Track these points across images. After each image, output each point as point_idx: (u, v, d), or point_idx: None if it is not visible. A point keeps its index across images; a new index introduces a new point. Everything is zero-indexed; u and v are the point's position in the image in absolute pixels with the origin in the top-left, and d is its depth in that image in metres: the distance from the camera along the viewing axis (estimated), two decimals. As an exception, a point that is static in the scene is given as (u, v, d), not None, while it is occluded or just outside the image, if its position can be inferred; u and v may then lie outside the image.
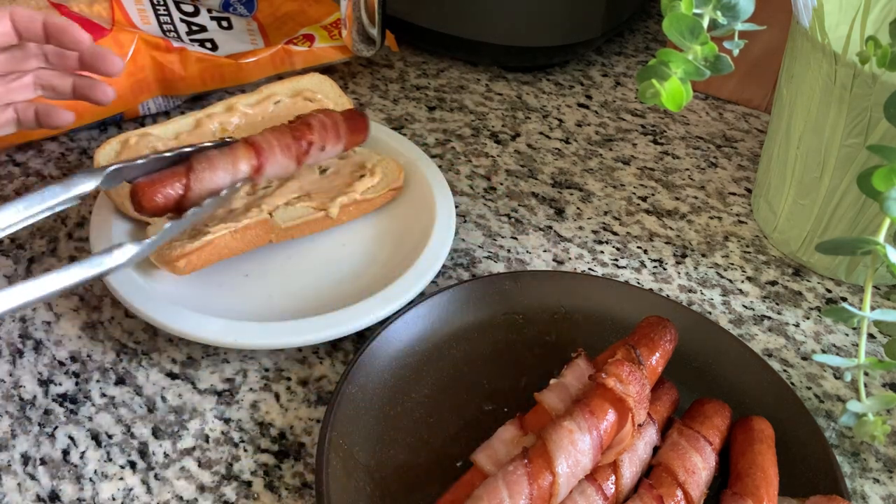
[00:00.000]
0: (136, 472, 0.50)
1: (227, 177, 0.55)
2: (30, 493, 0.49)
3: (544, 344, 0.56)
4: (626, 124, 0.81)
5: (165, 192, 0.53)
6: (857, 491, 0.52)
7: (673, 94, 0.47)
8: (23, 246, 0.64)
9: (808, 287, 0.65)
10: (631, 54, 0.92)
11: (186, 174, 0.54)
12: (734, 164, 0.77)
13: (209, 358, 0.57)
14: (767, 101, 0.83)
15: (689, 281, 0.65)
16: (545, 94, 0.85)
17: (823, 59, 0.57)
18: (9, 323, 0.58)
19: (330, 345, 0.58)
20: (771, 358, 0.59)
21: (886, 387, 0.58)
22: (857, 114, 0.56)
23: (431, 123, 0.79)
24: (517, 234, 0.68)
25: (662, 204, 0.72)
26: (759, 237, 0.70)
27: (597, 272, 0.65)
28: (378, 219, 0.67)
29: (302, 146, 0.60)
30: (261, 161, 0.57)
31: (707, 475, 0.47)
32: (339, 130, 0.63)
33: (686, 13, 0.46)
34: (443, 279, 0.64)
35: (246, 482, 0.50)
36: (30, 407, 0.53)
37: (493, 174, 0.74)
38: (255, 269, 0.62)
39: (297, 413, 0.54)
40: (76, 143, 0.73)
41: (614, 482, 0.46)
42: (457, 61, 0.88)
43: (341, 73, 0.85)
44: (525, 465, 0.44)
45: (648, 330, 0.52)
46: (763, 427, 0.50)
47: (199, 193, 0.54)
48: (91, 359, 0.56)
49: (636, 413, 0.46)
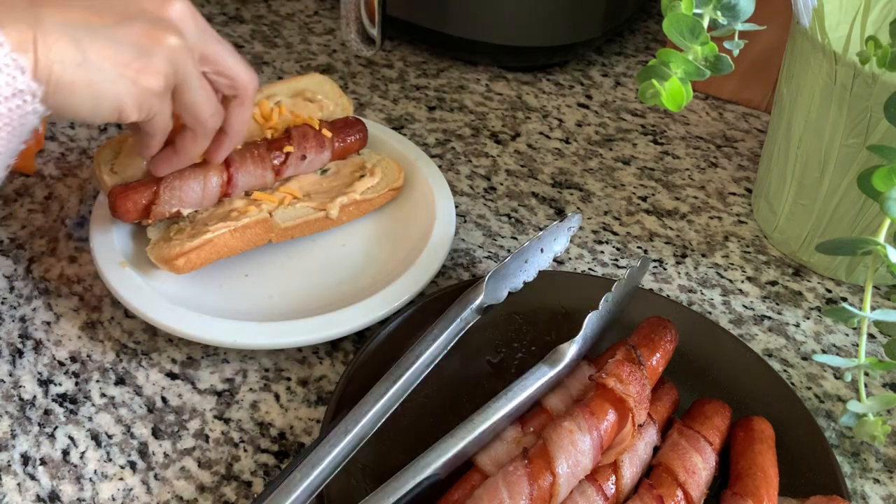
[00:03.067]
0: (136, 472, 0.50)
1: (197, 187, 0.58)
2: (30, 493, 0.49)
3: (544, 344, 0.56)
4: (626, 124, 0.81)
5: (135, 199, 0.57)
6: (857, 491, 0.52)
7: (673, 94, 0.47)
8: (23, 246, 0.64)
9: (808, 287, 0.65)
10: (631, 54, 0.92)
11: (157, 183, 0.58)
12: (734, 164, 0.77)
13: (209, 358, 0.57)
14: (767, 101, 0.83)
15: (689, 281, 0.65)
16: (545, 94, 0.85)
17: (823, 59, 0.57)
18: (9, 323, 0.58)
19: (330, 345, 0.58)
20: (771, 358, 0.59)
21: (886, 387, 0.58)
22: (857, 114, 0.56)
23: (431, 123, 0.79)
24: (517, 234, 0.68)
25: (662, 204, 0.72)
26: (759, 237, 0.69)
27: (597, 272, 0.65)
28: (378, 219, 0.67)
29: (278, 156, 0.62)
30: (230, 172, 0.60)
31: (707, 475, 0.47)
32: (321, 139, 0.63)
33: (686, 13, 0.46)
34: (443, 279, 0.63)
35: (246, 482, 0.50)
36: (30, 407, 0.53)
37: (493, 174, 0.74)
38: (255, 269, 0.62)
39: (297, 413, 0.54)
40: (76, 143, 0.73)
41: (614, 482, 0.46)
42: (457, 61, 0.88)
43: (341, 73, 0.85)
44: (525, 466, 0.44)
45: (649, 330, 0.52)
46: (763, 427, 0.50)
47: (169, 202, 0.58)
48: (91, 359, 0.56)
49: (636, 413, 0.46)
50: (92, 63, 0.44)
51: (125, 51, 0.45)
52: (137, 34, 0.46)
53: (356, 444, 0.47)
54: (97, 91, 0.45)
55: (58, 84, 0.43)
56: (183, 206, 0.58)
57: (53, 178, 0.70)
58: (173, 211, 0.58)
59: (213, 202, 0.60)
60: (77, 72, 0.43)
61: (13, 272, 0.62)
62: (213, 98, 0.52)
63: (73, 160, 0.72)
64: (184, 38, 0.48)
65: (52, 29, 0.43)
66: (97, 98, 0.45)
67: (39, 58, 0.42)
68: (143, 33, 0.46)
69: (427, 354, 0.51)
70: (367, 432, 0.47)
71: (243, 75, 0.53)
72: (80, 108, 0.45)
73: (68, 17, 0.44)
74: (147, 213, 0.58)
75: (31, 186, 0.69)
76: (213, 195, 0.60)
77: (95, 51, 0.44)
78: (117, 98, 0.46)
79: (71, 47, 0.43)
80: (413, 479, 0.44)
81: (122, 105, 0.46)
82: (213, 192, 0.60)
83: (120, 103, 0.46)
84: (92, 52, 0.44)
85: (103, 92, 0.45)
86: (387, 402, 0.48)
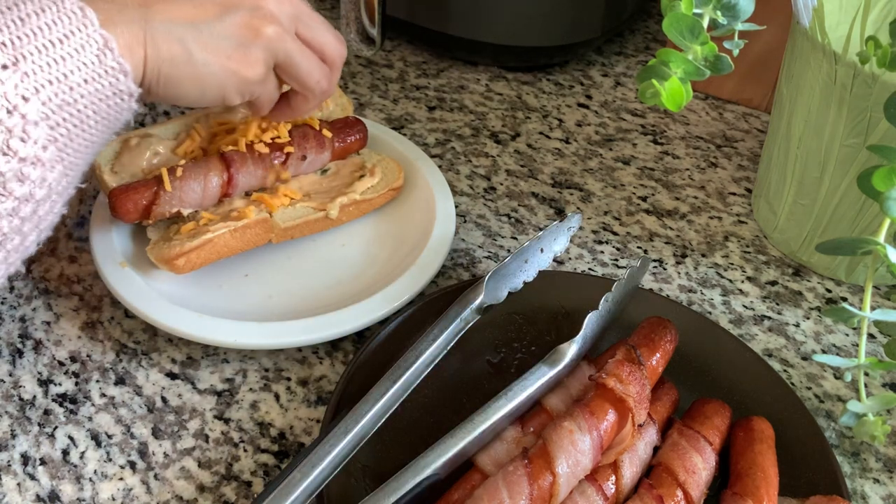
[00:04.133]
0: (135, 472, 0.50)
1: (198, 187, 0.59)
2: (30, 493, 0.49)
3: (544, 344, 0.56)
4: (626, 124, 0.81)
5: (136, 200, 0.57)
6: (857, 491, 0.52)
7: (673, 94, 0.47)
8: (23, 246, 0.64)
9: (808, 287, 0.65)
10: (631, 54, 0.92)
11: (158, 183, 0.58)
12: (734, 164, 0.77)
13: (209, 358, 0.57)
14: (767, 101, 0.83)
15: (689, 281, 0.65)
16: (545, 94, 0.85)
17: (823, 59, 0.57)
18: (9, 323, 0.58)
19: (330, 345, 0.58)
20: (771, 358, 0.59)
21: (886, 387, 0.58)
22: (857, 114, 0.56)
23: (431, 123, 0.79)
24: (517, 234, 0.68)
25: (662, 204, 0.72)
26: (759, 237, 0.69)
27: (597, 272, 0.65)
28: (378, 219, 0.67)
29: (278, 157, 0.62)
30: (230, 172, 0.60)
31: (707, 475, 0.47)
32: (321, 139, 0.63)
33: (686, 13, 0.46)
34: (443, 279, 0.63)
35: (246, 482, 0.50)
36: (30, 407, 0.53)
37: (493, 174, 0.74)
38: (255, 269, 0.62)
39: (297, 413, 0.54)
40: (76, 143, 0.73)
41: (614, 482, 0.46)
42: (457, 61, 0.88)
43: (341, 73, 0.85)
44: (525, 466, 0.44)
45: (649, 330, 0.52)
46: (763, 427, 0.50)
47: (170, 202, 0.58)
48: (91, 359, 0.56)
49: (636, 413, 0.46)
50: (197, 59, 0.48)
51: (226, 44, 0.49)
52: (237, 26, 0.50)
53: (356, 444, 0.47)
54: (203, 83, 0.49)
55: (167, 79, 0.47)
56: (183, 206, 0.58)
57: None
58: (174, 211, 0.58)
59: (214, 202, 0.60)
60: (184, 68, 0.47)
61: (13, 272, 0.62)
62: (316, 66, 0.56)
63: (73, 160, 0.72)
64: (280, 23, 0.52)
65: (160, 28, 0.46)
66: (202, 88, 0.49)
67: (149, 57, 0.45)
68: (242, 24, 0.50)
69: (427, 354, 0.51)
70: (367, 432, 0.47)
71: (332, 49, 0.57)
72: (188, 97, 0.49)
73: (174, 16, 0.47)
74: (147, 214, 0.58)
75: (31, 186, 0.69)
76: (214, 195, 0.60)
77: (200, 47, 0.48)
78: (221, 87, 0.50)
79: (178, 47, 0.47)
80: (413, 479, 0.44)
81: (226, 94, 0.51)
82: (214, 192, 0.60)
83: (223, 92, 0.50)
84: (196, 49, 0.48)
85: (208, 83, 0.49)
86: (387, 402, 0.48)
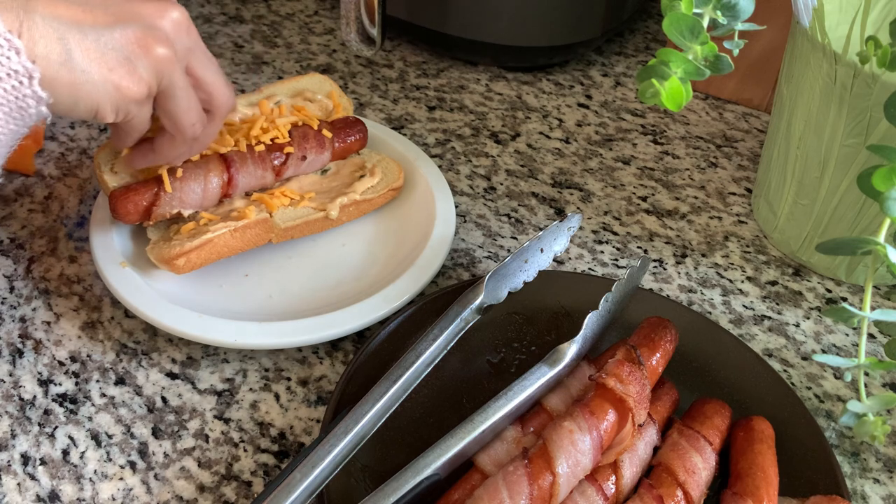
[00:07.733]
0: (136, 472, 0.50)
1: (198, 188, 0.58)
2: (30, 493, 0.49)
3: (544, 344, 0.56)
4: (626, 124, 0.81)
5: (136, 201, 0.57)
6: (857, 491, 0.52)
7: (673, 94, 0.47)
8: (23, 246, 0.64)
9: (808, 287, 0.65)
10: (631, 54, 0.92)
11: (158, 184, 0.58)
12: (734, 164, 0.77)
13: (209, 358, 0.57)
14: (767, 101, 0.83)
15: (689, 281, 0.65)
16: (545, 94, 0.85)
17: (823, 59, 0.57)
18: (9, 323, 0.58)
19: (330, 345, 0.58)
20: (771, 358, 0.59)
21: (886, 387, 0.58)
22: (857, 114, 0.56)
23: (431, 123, 0.79)
24: (517, 234, 0.68)
25: (662, 204, 0.72)
26: (759, 237, 0.69)
27: (597, 272, 0.65)
28: (378, 219, 0.67)
29: (278, 157, 0.62)
30: (231, 173, 0.60)
31: (707, 475, 0.47)
32: (321, 140, 0.63)
33: (686, 13, 0.46)
34: (443, 279, 0.63)
35: (246, 482, 0.50)
36: (30, 407, 0.53)
37: (493, 174, 0.74)
38: (255, 269, 0.62)
39: (297, 413, 0.54)
40: (76, 143, 0.73)
41: (614, 482, 0.46)
42: (457, 61, 0.88)
43: (341, 73, 0.85)
44: (525, 466, 0.44)
45: (649, 330, 0.52)
46: (763, 427, 0.50)
47: (170, 203, 0.58)
48: (91, 359, 0.56)
49: (636, 413, 0.46)
50: (76, 63, 0.43)
51: (112, 55, 0.45)
52: (128, 39, 0.46)
53: (356, 444, 0.47)
54: (77, 92, 0.44)
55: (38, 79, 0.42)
56: (184, 207, 0.58)
57: (53, 178, 0.70)
58: (174, 212, 0.58)
59: (214, 203, 0.60)
60: (60, 70, 0.43)
61: (13, 272, 0.62)
62: (195, 108, 0.52)
63: (73, 160, 0.72)
64: (174, 48, 0.48)
65: (39, 22, 0.42)
66: (76, 98, 0.44)
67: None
68: (133, 39, 0.46)
69: (427, 354, 0.51)
70: (367, 432, 0.47)
71: (221, 95, 0.53)
72: (57, 105, 0.44)
73: (58, 12, 0.43)
74: (148, 215, 0.58)
75: (31, 186, 0.69)
76: (214, 196, 0.60)
77: (81, 51, 0.44)
78: (96, 101, 0.45)
79: (57, 45, 0.43)
80: (413, 479, 0.44)
81: (100, 108, 0.46)
82: (214, 192, 0.60)
83: (98, 106, 0.46)
84: (77, 52, 0.43)
85: (83, 93, 0.44)
86: (387, 402, 0.48)
